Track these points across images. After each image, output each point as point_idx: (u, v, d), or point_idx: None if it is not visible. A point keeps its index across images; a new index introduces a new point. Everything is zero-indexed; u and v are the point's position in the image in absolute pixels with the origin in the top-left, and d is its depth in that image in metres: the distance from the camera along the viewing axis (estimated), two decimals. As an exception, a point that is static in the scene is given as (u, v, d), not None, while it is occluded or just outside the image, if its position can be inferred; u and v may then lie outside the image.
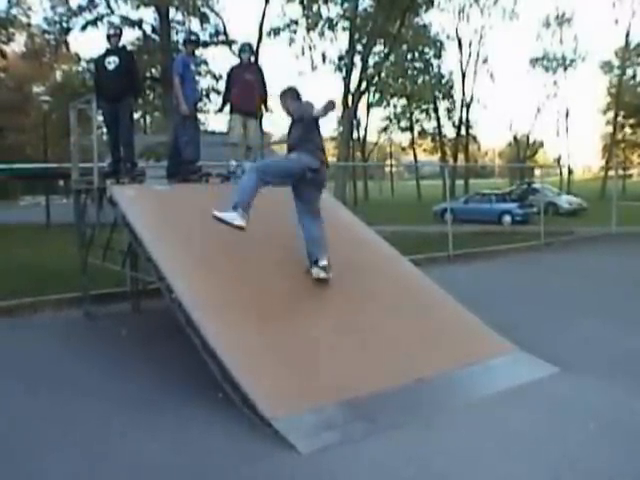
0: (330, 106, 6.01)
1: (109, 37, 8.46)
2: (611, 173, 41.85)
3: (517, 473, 4.06)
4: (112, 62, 8.27)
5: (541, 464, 4.15)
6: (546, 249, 16.17)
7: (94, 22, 23.23)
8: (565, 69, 49.84)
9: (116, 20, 22.46)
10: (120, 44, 8.67)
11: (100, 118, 8.72)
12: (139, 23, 23.24)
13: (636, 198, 30.81)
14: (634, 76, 50.57)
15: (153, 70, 24.01)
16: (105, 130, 8.86)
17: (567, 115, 51.29)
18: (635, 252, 15.28)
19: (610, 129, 52.22)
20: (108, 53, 8.40)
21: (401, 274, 7.36)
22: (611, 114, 52.00)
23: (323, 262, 6.43)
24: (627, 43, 46.87)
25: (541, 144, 63.47)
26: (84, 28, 23.43)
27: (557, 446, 4.40)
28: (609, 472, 4.03)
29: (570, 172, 51.46)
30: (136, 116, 31.37)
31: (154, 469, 4.18)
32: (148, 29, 23.57)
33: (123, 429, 4.82)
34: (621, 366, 6.18)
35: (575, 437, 4.55)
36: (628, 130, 55.05)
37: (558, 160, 54.95)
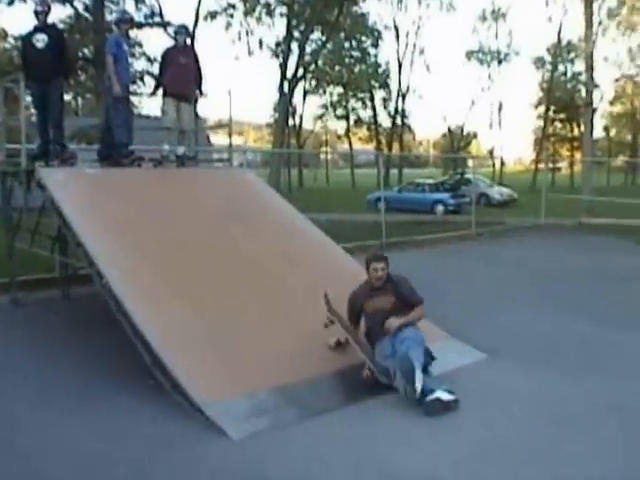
0: None
1: (37, 13, 8.13)
2: (541, 166, 42.90)
3: (445, 454, 4.17)
4: (41, 40, 7.97)
5: (468, 447, 4.27)
6: (477, 239, 16.50)
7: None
8: (499, 63, 50.76)
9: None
10: (49, 21, 8.38)
11: (29, 98, 8.45)
12: (71, 0, 22.55)
13: (564, 190, 31.67)
14: (565, 72, 51.84)
15: (85, 50, 23.35)
16: (34, 111, 8.60)
17: (500, 108, 52.31)
18: (562, 242, 15.73)
19: (541, 123, 53.43)
20: (36, 30, 8.07)
21: (334, 262, 7.40)
22: (542, 108, 53.20)
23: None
24: (559, 40, 47.97)
25: (475, 136, 64.64)
26: (11, 3, 22.61)
27: (485, 430, 4.52)
28: (535, 454, 4.16)
29: (502, 164, 52.53)
30: (67, 97, 30.60)
31: (84, 457, 4.13)
32: (80, 7, 22.88)
33: (52, 418, 4.74)
34: (546, 352, 6.40)
35: (501, 421, 4.68)
36: (558, 124, 56.47)
37: (491, 152, 56.02)
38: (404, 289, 5.70)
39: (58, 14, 24.37)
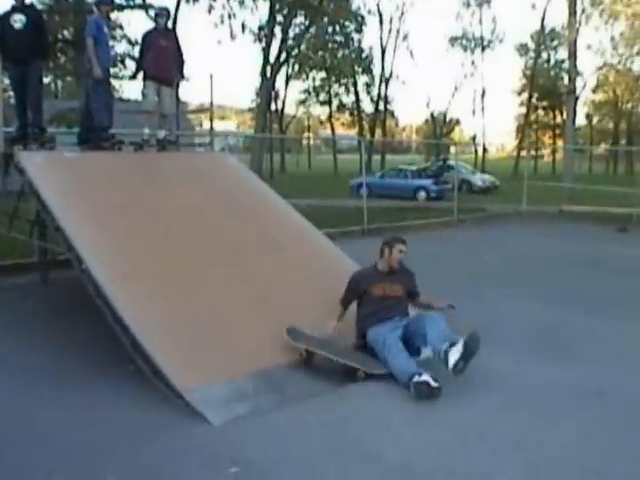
0: None
1: None
2: (523, 153, 43.12)
3: (427, 440, 4.18)
4: (18, 20, 7.83)
5: (450, 433, 4.28)
6: (459, 225, 16.55)
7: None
8: (483, 49, 50.68)
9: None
10: (27, 1, 8.22)
11: (6, 80, 8.31)
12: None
13: (546, 178, 31.81)
14: (548, 60, 51.99)
15: (65, 32, 23.05)
16: (12, 93, 8.47)
17: (483, 95, 52.30)
18: (543, 229, 15.83)
19: (524, 110, 53.60)
20: (14, 11, 7.92)
21: (315, 247, 7.38)
22: (525, 95, 53.36)
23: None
24: (542, 27, 48.03)
25: (457, 122, 64.72)
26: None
27: (466, 416, 4.54)
28: (517, 440, 4.18)
29: (484, 151, 52.68)
30: (46, 80, 30.23)
31: (63, 443, 4.09)
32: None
33: (30, 404, 4.70)
34: (529, 339, 6.44)
35: (483, 407, 4.69)
36: (541, 112, 56.75)
37: (473, 138, 56.10)
38: (413, 280, 5.90)
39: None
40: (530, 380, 5.28)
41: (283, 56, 28.26)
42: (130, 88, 55.70)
